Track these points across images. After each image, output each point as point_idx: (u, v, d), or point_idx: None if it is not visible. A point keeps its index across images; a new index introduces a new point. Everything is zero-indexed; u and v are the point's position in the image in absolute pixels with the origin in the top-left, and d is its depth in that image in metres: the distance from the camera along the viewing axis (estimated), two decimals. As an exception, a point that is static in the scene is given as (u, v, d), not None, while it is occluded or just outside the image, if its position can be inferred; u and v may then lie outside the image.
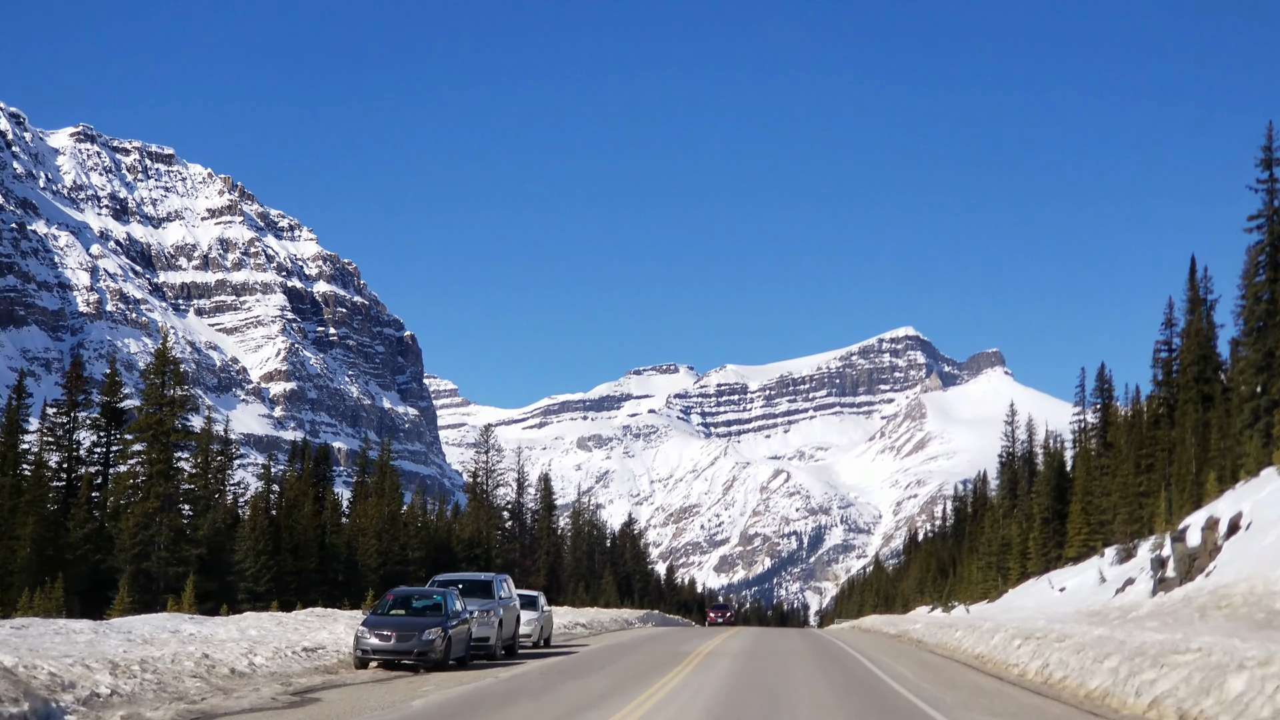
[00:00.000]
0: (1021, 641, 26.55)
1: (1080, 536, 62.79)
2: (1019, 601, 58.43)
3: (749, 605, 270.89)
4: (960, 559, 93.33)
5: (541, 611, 34.73)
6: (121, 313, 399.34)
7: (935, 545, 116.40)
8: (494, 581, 29.86)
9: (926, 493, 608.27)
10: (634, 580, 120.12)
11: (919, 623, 45.05)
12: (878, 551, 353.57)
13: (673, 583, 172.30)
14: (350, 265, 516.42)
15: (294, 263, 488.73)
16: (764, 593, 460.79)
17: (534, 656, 29.99)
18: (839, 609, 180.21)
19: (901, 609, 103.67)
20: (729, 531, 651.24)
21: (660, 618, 77.12)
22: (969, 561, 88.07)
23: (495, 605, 28.33)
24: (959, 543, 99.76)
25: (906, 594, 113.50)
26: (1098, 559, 55.81)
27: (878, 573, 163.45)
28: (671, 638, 41.77)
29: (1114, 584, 43.92)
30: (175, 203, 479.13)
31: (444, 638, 23.86)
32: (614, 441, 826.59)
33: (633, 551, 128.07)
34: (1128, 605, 36.34)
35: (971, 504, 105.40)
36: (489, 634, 27.41)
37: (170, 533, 52.68)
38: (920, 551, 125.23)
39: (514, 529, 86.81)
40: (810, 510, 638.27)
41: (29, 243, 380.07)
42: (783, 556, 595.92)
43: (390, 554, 70.37)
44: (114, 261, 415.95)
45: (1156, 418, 58.76)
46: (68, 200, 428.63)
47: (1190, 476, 48.25)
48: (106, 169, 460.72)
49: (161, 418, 54.32)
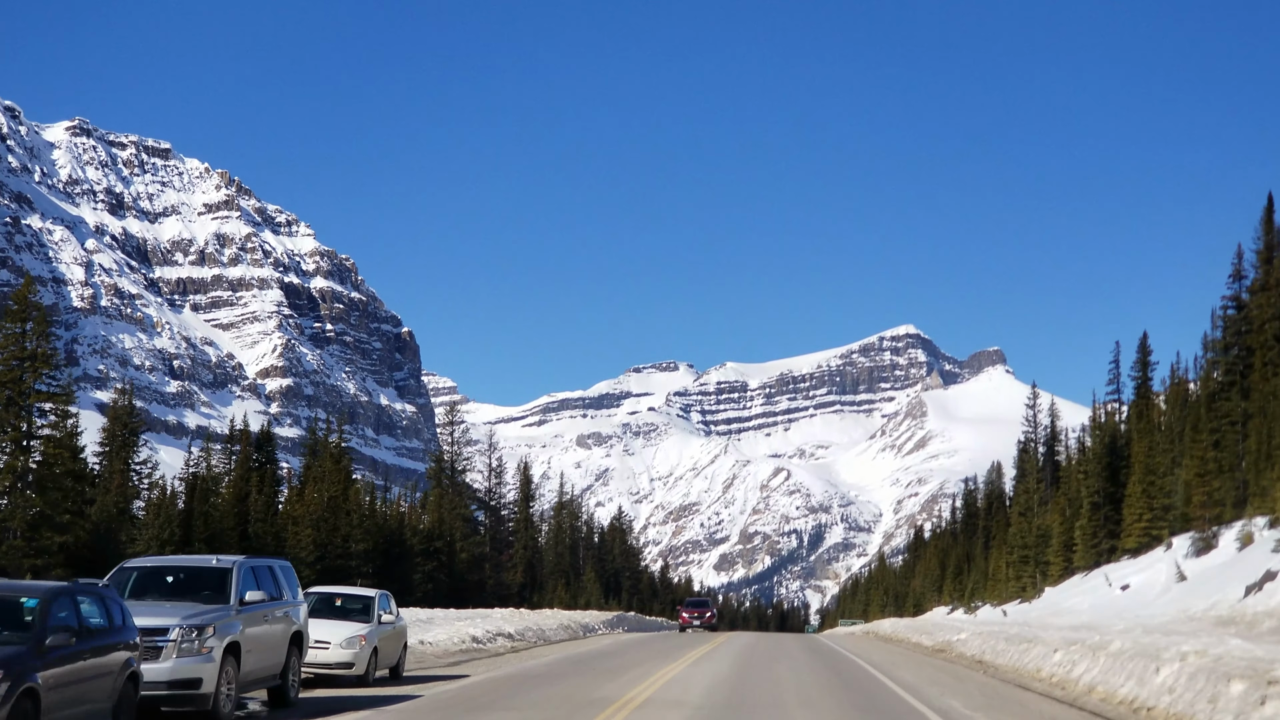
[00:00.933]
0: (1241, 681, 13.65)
1: (1140, 524, 54.20)
2: (1069, 602, 51.39)
3: (748, 604, 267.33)
4: (975, 555, 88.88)
5: (376, 623, 21.85)
6: (116, 308, 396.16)
7: (945, 541, 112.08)
8: (233, 570, 15.86)
9: (928, 491, 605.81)
10: (623, 578, 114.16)
11: (963, 631, 34.01)
12: (880, 549, 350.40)
13: (667, 581, 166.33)
14: (348, 261, 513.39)
15: (291, 258, 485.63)
16: (764, 591, 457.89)
17: (317, 712, 16.83)
18: (841, 608, 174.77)
19: (913, 610, 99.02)
20: (729, 530, 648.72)
21: (636, 621, 67.71)
22: (996, 556, 79.84)
23: (212, 617, 14.79)
24: (971, 538, 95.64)
25: (919, 593, 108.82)
26: (1163, 550, 49.18)
27: (883, 571, 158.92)
28: (621, 658, 29.27)
29: (1205, 580, 37.55)
30: (172, 197, 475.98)
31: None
32: (614, 439, 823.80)
33: (621, 547, 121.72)
34: (1272, 609, 27.55)
35: (986, 497, 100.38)
36: (199, 674, 14.25)
37: (26, 517, 44.34)
38: (929, 548, 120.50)
39: (489, 522, 79.10)
40: (810, 509, 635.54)
41: (23, 237, 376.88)
42: (783, 555, 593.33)
43: (330, 546, 63.29)
44: (109, 256, 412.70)
45: (1220, 388, 51.44)
46: (63, 194, 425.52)
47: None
48: (102, 163, 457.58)
49: (21, 374, 45.88)
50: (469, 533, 73.92)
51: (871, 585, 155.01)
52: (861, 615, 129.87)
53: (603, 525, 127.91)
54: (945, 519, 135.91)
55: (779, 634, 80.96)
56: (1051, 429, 79.46)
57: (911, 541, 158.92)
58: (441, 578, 68.18)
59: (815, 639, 52.22)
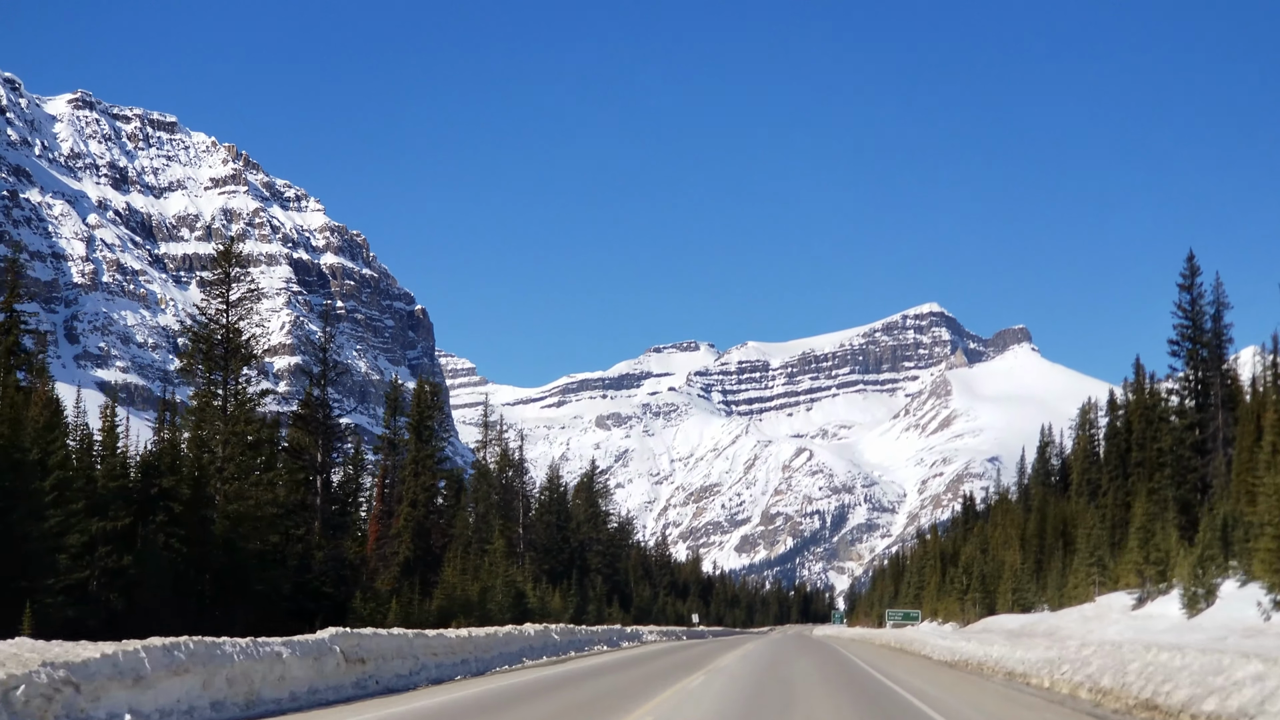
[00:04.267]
0: None
1: None
2: None
3: (769, 586, 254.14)
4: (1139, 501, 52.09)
5: None
6: (119, 284, 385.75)
7: (1093, 474, 67.89)
8: None
9: (952, 471, 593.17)
10: (589, 552, 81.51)
11: None
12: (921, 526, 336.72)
13: (665, 559, 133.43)
14: (359, 237, 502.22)
15: (300, 234, 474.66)
16: (785, 573, 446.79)
17: None
18: (877, 591, 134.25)
19: (1017, 606, 64.76)
20: (750, 511, 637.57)
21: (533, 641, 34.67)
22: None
23: None
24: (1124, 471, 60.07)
25: (1021, 571, 67.18)
26: None
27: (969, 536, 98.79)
28: None
29: None
30: (177, 172, 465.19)
31: None
32: (633, 420, 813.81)
33: (588, 513, 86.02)
34: None
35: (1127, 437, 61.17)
36: None
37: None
38: (999, 520, 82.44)
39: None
40: (833, 489, 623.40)
41: (21, 211, 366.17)
42: (805, 536, 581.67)
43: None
44: (112, 232, 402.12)
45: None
46: (64, 169, 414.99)
47: None
48: (106, 137, 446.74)
49: None
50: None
51: (927, 561, 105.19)
52: (932, 613, 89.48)
53: (566, 482, 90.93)
54: (1022, 481, 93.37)
55: (800, 640, 61.31)
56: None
57: (960, 514, 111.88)
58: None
59: (868, 676, 26.88)
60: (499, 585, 50.43)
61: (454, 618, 40.02)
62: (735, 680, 24.29)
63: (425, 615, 38.37)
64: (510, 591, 51.85)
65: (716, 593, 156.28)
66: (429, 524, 48.64)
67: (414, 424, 51.83)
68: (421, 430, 51.90)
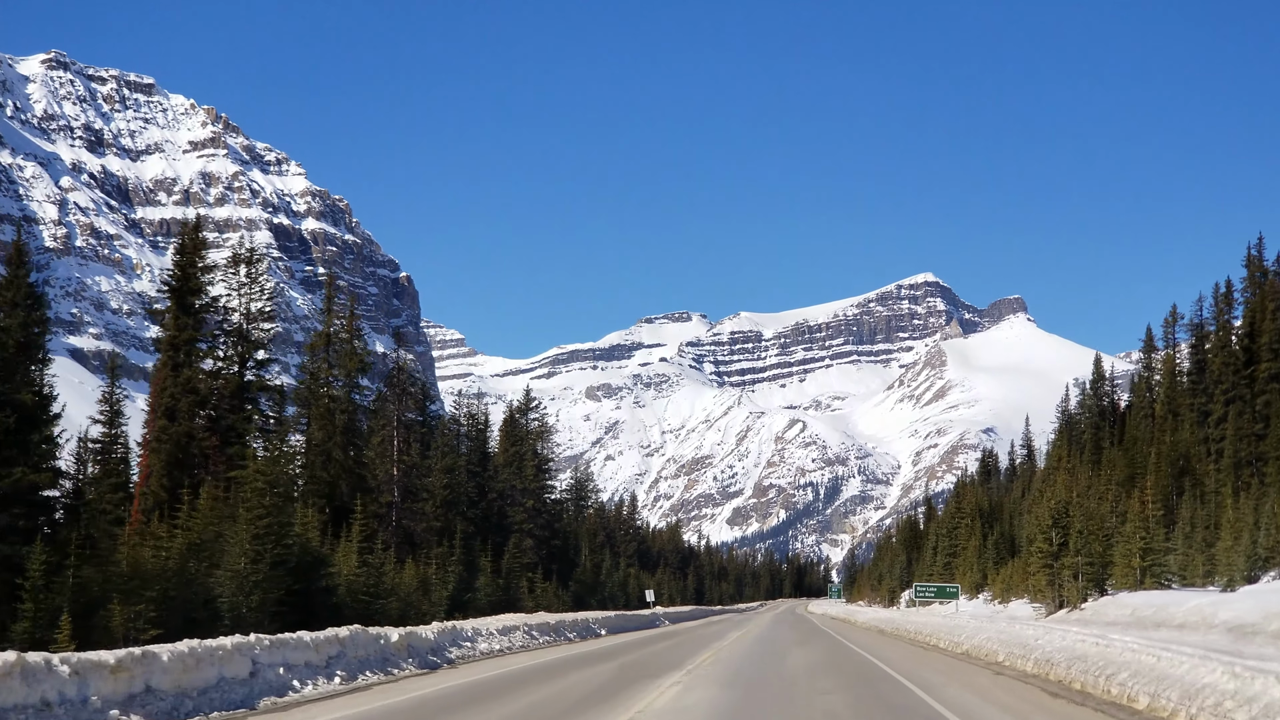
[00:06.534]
0: None
1: None
2: None
3: (761, 559, 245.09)
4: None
5: None
6: (93, 248, 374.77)
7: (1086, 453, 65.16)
8: None
9: (947, 442, 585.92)
10: (511, 507, 59.71)
11: None
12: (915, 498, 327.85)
13: (631, 527, 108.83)
14: (341, 202, 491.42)
15: (281, 198, 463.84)
16: (778, 546, 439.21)
17: None
18: (885, 562, 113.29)
19: (1149, 578, 40.40)
20: (743, 483, 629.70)
21: None
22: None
23: None
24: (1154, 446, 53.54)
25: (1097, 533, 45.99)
26: None
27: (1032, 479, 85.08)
28: None
29: None
30: (155, 135, 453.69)
31: None
32: (624, 391, 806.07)
33: (510, 453, 63.58)
34: None
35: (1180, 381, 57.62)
36: None
37: None
38: (1069, 463, 68.19)
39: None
40: (826, 461, 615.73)
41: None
42: (798, 508, 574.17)
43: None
44: (85, 195, 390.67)
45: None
46: (37, 130, 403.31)
47: None
48: (80, 98, 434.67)
49: None
50: None
51: (961, 521, 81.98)
52: (944, 575, 77.48)
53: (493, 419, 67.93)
54: (1057, 438, 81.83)
55: (797, 633, 42.18)
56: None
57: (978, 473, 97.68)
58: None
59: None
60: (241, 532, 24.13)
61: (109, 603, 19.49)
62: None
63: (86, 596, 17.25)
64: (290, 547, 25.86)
65: (702, 564, 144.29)
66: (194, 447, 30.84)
67: (176, 285, 32.06)
68: (184, 295, 31.63)
